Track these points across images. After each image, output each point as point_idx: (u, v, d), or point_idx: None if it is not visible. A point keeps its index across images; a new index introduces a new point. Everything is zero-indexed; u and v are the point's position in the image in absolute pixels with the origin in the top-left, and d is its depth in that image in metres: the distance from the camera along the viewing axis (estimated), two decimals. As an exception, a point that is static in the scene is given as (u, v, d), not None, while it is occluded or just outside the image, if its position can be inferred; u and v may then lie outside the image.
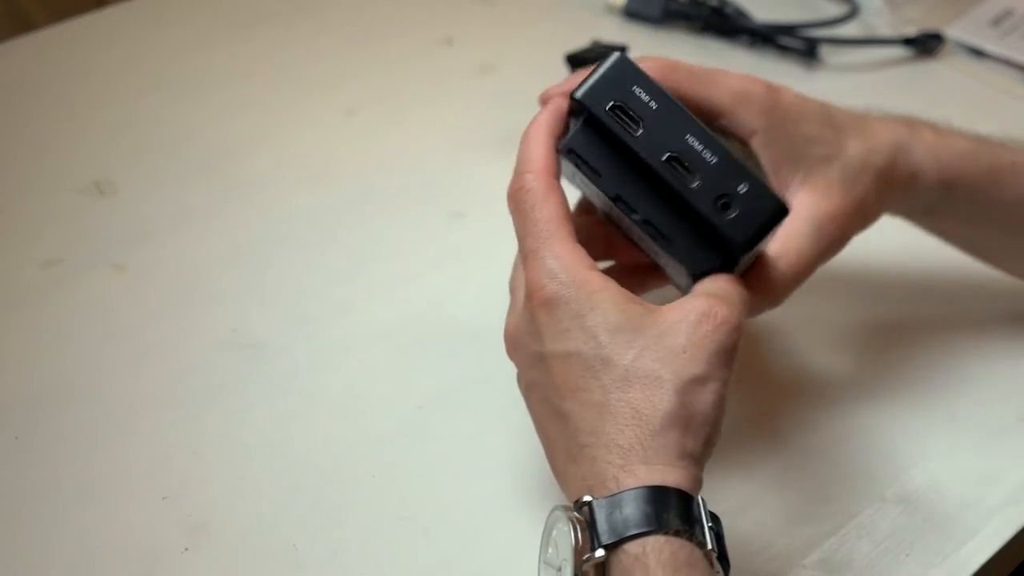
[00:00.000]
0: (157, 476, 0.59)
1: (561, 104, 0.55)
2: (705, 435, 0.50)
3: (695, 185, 0.52)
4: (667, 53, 0.90)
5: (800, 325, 0.67)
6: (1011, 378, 0.66)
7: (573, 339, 0.51)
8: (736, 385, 0.64)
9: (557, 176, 0.54)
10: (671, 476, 0.48)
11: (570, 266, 0.51)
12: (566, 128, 0.55)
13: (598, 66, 0.53)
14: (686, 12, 0.92)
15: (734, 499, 0.59)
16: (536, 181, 0.53)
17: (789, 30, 0.90)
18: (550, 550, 0.49)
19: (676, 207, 0.53)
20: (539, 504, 0.57)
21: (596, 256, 0.54)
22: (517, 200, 0.53)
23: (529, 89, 0.75)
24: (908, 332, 0.68)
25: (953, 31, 0.92)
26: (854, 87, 0.89)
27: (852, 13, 0.92)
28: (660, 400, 0.49)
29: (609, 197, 0.53)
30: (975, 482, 0.60)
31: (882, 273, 0.71)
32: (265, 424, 0.62)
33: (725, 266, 0.53)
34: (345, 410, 0.63)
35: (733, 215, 0.52)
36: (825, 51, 0.91)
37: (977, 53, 0.92)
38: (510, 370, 0.65)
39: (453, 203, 0.75)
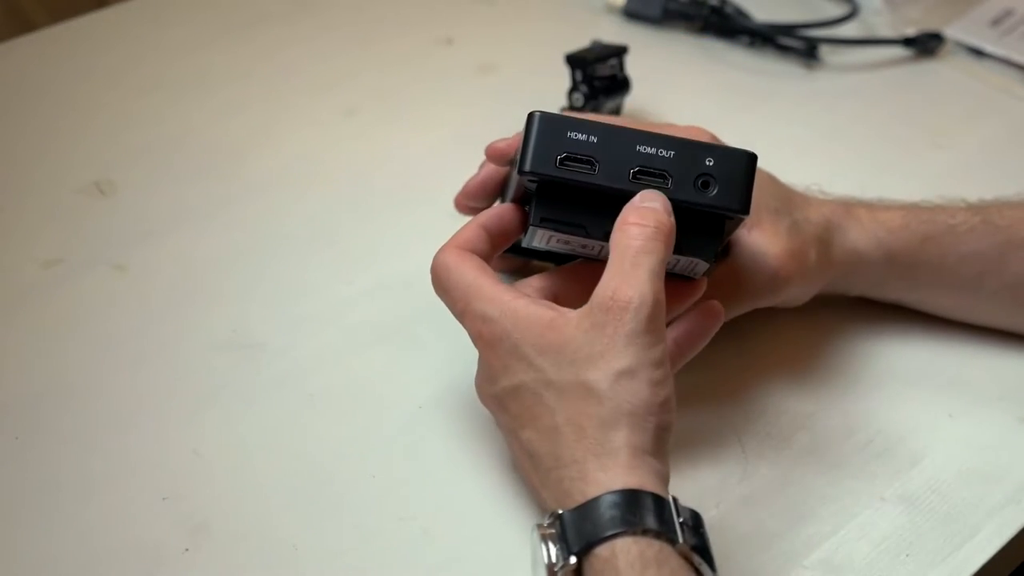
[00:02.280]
0: (157, 476, 0.59)
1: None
2: (653, 425, 0.50)
3: (670, 184, 0.54)
4: (667, 53, 0.91)
5: (800, 325, 0.67)
6: (1011, 378, 0.66)
7: (517, 372, 0.53)
8: (735, 385, 0.64)
9: (472, 248, 0.56)
10: (632, 478, 0.49)
11: (493, 299, 0.53)
12: (523, 201, 0.57)
13: (526, 134, 0.54)
14: (686, 12, 0.92)
15: (734, 499, 0.59)
16: (443, 256, 0.56)
17: (789, 30, 0.90)
18: (539, 571, 0.50)
19: None
20: (539, 504, 0.57)
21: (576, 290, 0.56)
22: (434, 281, 0.56)
23: (529, 89, 0.76)
24: (908, 331, 0.68)
25: (953, 31, 0.92)
26: (854, 87, 0.89)
27: (852, 13, 0.92)
28: (596, 408, 0.50)
29: (601, 239, 0.54)
30: (975, 482, 0.60)
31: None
32: (265, 424, 0.62)
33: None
34: (345, 410, 0.63)
35: (717, 189, 0.54)
36: (825, 51, 0.91)
37: (977, 53, 0.92)
38: (510, 370, 0.65)
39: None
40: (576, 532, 0.48)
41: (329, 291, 0.69)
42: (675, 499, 0.49)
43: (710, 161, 0.54)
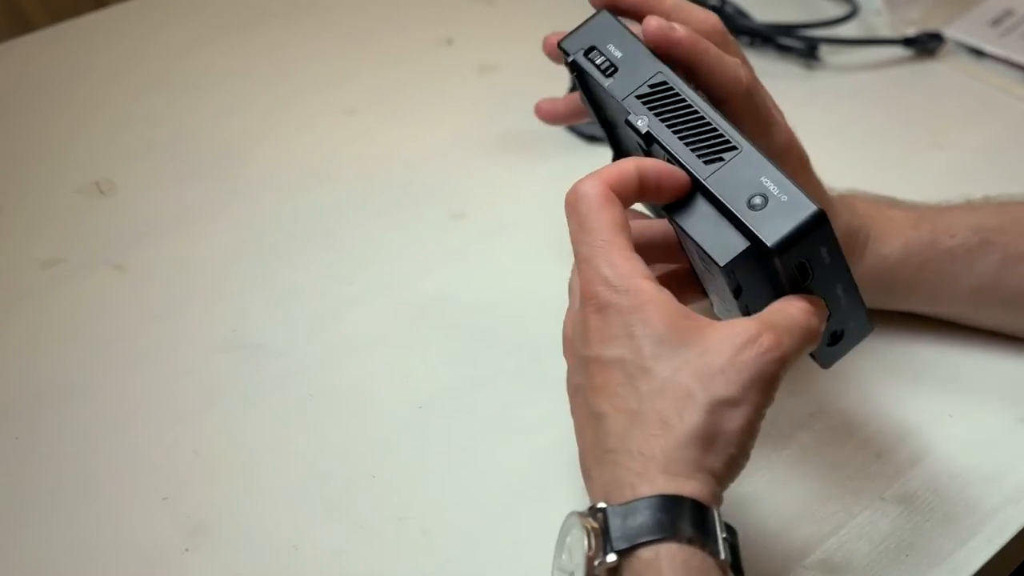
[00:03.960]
0: (157, 476, 0.59)
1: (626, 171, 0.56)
2: (728, 456, 0.50)
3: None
4: (667, 53, 0.90)
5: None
6: (1011, 378, 0.66)
7: (619, 346, 0.51)
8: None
9: (619, 191, 0.53)
10: (688, 486, 0.48)
11: (624, 274, 0.51)
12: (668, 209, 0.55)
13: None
14: (686, 12, 0.92)
15: (734, 499, 0.59)
16: (593, 189, 0.53)
17: (789, 30, 0.90)
18: (564, 556, 0.49)
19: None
20: (539, 504, 0.57)
21: (653, 260, 0.55)
22: (572, 206, 0.53)
23: (529, 89, 0.75)
24: (908, 332, 0.68)
25: (953, 31, 0.92)
26: (854, 87, 0.89)
27: (852, 13, 0.92)
28: (688, 415, 0.49)
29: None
30: (975, 482, 0.60)
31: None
32: (265, 424, 0.62)
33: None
34: (345, 410, 0.63)
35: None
36: (825, 51, 0.90)
37: (977, 53, 0.91)
38: (510, 371, 0.65)
39: (453, 203, 0.75)
40: (621, 529, 0.48)
41: (329, 291, 0.69)
42: (719, 514, 0.49)
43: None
